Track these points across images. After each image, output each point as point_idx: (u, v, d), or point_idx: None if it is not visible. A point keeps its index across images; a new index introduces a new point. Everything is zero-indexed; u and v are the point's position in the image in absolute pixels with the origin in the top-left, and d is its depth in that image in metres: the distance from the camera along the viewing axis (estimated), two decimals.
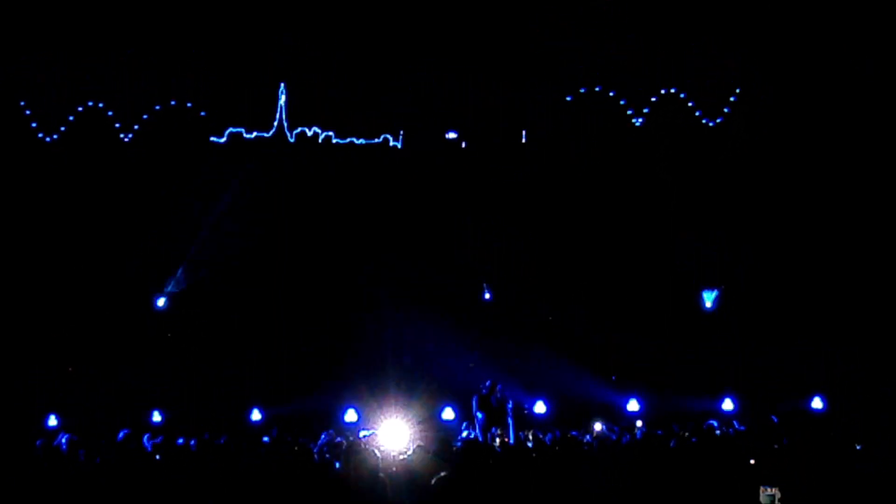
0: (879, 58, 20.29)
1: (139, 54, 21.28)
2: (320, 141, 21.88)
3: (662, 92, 21.77)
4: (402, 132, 21.92)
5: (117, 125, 21.72)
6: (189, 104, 21.79)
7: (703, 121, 21.65)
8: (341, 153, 21.98)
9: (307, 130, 21.90)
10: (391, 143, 21.95)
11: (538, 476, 10.47)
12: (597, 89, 21.87)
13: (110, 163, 21.73)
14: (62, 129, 21.56)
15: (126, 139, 21.69)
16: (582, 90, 21.80)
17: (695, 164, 21.57)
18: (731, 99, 21.54)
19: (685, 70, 21.70)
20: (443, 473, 9.69)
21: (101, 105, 21.67)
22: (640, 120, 21.75)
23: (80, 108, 21.63)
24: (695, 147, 21.68)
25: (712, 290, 21.75)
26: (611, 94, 21.83)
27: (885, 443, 11.95)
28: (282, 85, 21.82)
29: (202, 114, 21.79)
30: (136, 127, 21.74)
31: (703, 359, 20.72)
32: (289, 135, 21.88)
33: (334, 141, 21.87)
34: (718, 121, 21.61)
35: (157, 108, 21.76)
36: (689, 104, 21.74)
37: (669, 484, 10.67)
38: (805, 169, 20.95)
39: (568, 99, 21.76)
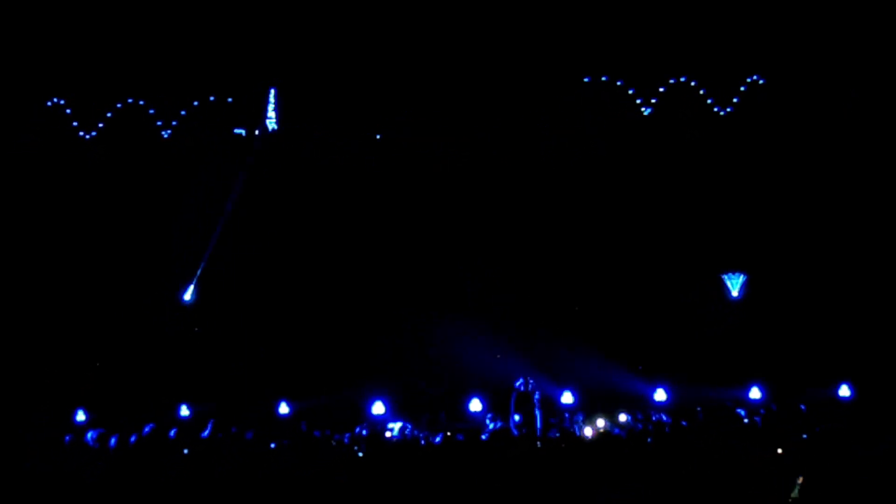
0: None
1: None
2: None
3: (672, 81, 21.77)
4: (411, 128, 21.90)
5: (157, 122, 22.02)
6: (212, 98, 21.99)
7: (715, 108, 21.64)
8: (379, 149, 22.00)
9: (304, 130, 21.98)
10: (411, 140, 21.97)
11: (565, 466, 10.48)
12: (604, 78, 21.86)
13: (139, 160, 21.95)
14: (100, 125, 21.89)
15: (165, 135, 21.98)
16: (586, 79, 21.80)
17: (719, 150, 21.52)
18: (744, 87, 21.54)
19: (695, 58, 21.63)
20: None
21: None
22: (649, 110, 21.72)
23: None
24: (719, 133, 21.64)
25: (737, 277, 21.67)
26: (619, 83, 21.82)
27: None
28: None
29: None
30: (174, 123, 21.98)
31: (730, 347, 20.65)
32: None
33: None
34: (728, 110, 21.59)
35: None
36: (700, 92, 21.72)
37: (695, 473, 10.64)
38: (835, 149, 20.85)
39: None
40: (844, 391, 19.53)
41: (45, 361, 20.54)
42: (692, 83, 21.78)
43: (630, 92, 21.85)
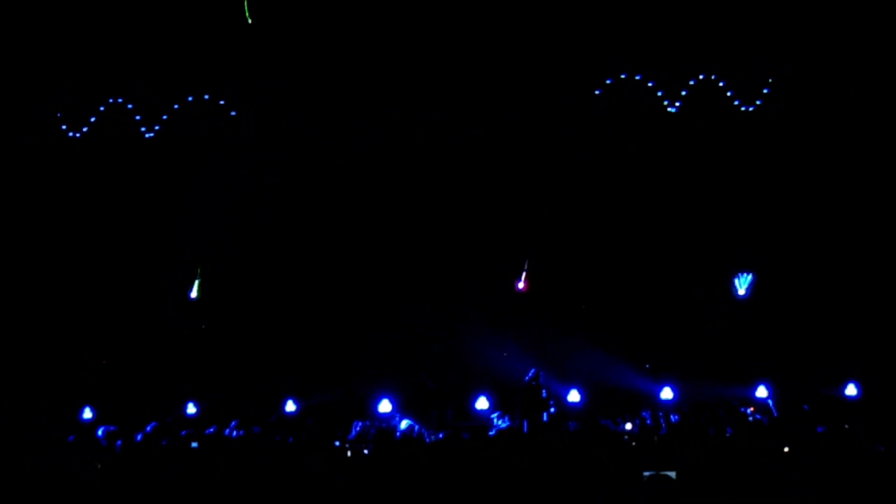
0: None
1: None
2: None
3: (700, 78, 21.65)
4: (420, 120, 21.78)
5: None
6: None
7: (740, 107, 21.50)
8: (388, 142, 21.92)
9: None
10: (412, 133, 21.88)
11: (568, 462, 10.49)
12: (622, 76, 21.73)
13: (142, 154, 21.94)
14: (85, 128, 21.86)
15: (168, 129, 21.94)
16: (609, 80, 21.65)
17: (728, 149, 21.42)
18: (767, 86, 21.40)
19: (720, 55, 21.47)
20: None
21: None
22: (675, 107, 21.59)
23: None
24: (729, 132, 21.53)
25: (745, 276, 21.63)
26: (637, 78, 21.68)
27: None
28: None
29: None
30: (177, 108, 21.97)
31: (737, 346, 20.62)
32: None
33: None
34: (752, 107, 21.42)
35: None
36: (728, 92, 21.60)
37: (704, 471, 10.65)
38: (842, 149, 20.77)
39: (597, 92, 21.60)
40: (851, 390, 19.52)
41: (49, 359, 20.58)
42: (708, 77, 21.64)
43: (637, 79, 21.75)
